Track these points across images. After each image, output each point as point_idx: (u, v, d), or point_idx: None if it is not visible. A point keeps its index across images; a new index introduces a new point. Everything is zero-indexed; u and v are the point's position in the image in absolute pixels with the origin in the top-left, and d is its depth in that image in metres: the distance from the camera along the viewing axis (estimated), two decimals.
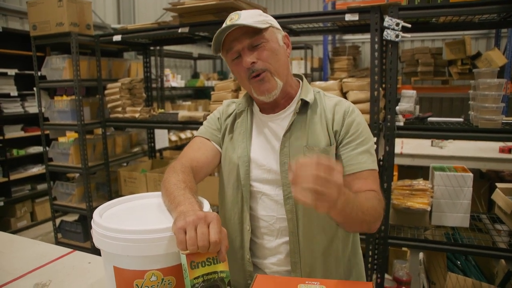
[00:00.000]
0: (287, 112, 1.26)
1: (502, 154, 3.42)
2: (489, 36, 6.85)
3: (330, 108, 1.23)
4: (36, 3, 3.26)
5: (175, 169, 1.16)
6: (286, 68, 1.23)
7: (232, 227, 1.28)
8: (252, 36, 1.15)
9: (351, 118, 1.21)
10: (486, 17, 2.45)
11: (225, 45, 1.19)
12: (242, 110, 1.33)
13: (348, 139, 1.19)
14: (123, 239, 0.90)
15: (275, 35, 1.20)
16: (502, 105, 2.17)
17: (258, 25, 1.13)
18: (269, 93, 1.18)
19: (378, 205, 1.09)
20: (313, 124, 1.22)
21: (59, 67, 3.43)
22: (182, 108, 6.93)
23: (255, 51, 1.16)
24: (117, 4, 6.62)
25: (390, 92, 2.29)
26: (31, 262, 1.41)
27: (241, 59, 1.17)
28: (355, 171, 1.16)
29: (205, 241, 0.82)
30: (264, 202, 1.24)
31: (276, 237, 1.23)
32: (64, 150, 3.58)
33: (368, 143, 1.20)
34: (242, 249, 1.27)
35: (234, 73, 1.24)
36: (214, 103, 2.92)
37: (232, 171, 1.28)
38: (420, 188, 2.46)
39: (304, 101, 1.23)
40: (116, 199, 1.17)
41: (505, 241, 2.37)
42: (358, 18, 2.30)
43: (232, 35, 1.16)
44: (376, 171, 1.19)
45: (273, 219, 1.23)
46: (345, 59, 6.05)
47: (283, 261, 1.24)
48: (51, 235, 4.29)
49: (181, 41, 3.67)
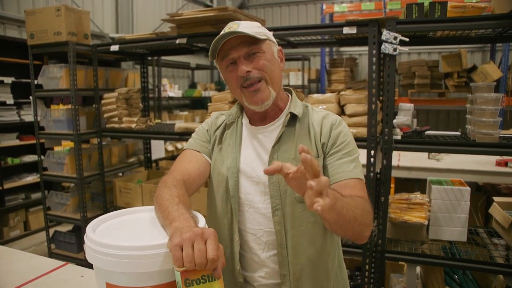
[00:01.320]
0: (276, 124, 1.27)
1: (498, 167, 3.42)
2: (484, 49, 6.92)
3: (318, 121, 1.26)
4: (34, 12, 3.27)
5: (167, 184, 1.14)
6: (280, 80, 1.25)
7: (222, 238, 1.27)
8: (250, 46, 1.17)
9: (338, 130, 1.23)
10: (482, 32, 2.47)
11: (221, 52, 1.21)
12: (232, 121, 1.34)
13: (335, 149, 1.21)
14: (116, 255, 0.88)
15: (271, 48, 1.23)
16: (499, 120, 2.17)
17: (258, 36, 1.15)
18: (262, 103, 1.20)
19: (367, 209, 1.07)
20: (301, 137, 1.23)
21: (56, 76, 3.42)
22: (179, 118, 6.92)
23: (251, 60, 1.18)
24: (115, 13, 6.64)
25: (387, 105, 2.29)
26: (22, 276, 1.39)
27: (235, 67, 1.19)
28: (342, 179, 1.17)
29: (203, 258, 0.80)
30: (251, 215, 1.24)
31: (263, 250, 1.23)
32: (59, 159, 3.55)
33: (355, 154, 1.22)
34: (232, 260, 1.26)
35: (226, 81, 1.25)
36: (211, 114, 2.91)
37: (221, 183, 1.27)
38: (417, 202, 2.45)
39: (292, 114, 1.25)
40: (110, 213, 1.14)
41: (503, 255, 2.35)
42: (356, 31, 2.31)
43: (230, 43, 1.17)
44: (363, 181, 1.19)
45: (261, 232, 1.23)
46: (342, 71, 6.09)
47: (272, 274, 1.24)
48: (44, 245, 4.24)
49: (179, 51, 3.67)
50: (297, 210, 1.19)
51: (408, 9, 2.33)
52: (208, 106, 2.93)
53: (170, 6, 7.97)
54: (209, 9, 2.74)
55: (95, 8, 6.18)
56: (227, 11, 2.62)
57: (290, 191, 1.18)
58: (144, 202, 3.32)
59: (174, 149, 6.31)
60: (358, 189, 1.15)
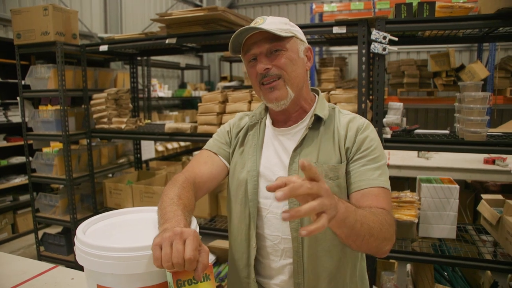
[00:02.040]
0: (299, 126, 1.23)
1: (486, 165, 3.47)
2: (471, 49, 7.00)
3: (343, 125, 1.20)
4: (21, 11, 3.21)
5: (176, 183, 1.12)
6: (302, 80, 1.20)
7: (239, 244, 1.24)
8: (272, 42, 1.14)
9: (364, 135, 1.17)
10: (469, 31, 2.50)
11: (245, 47, 1.18)
12: (255, 122, 1.31)
13: (359, 155, 1.15)
14: (106, 256, 0.88)
15: (297, 46, 1.19)
16: (486, 118, 2.20)
17: (280, 33, 1.11)
18: (277, 102, 1.16)
19: (387, 222, 1.01)
20: (325, 141, 1.19)
21: (44, 77, 3.37)
22: (169, 118, 6.89)
23: (272, 57, 1.15)
24: (104, 13, 6.58)
25: (377, 104, 2.30)
26: (11, 279, 1.37)
27: (256, 63, 1.16)
28: (364, 187, 1.11)
29: (180, 258, 0.79)
30: (269, 220, 1.20)
31: (280, 257, 1.20)
32: (48, 160, 3.51)
33: (381, 161, 1.15)
34: (248, 268, 1.23)
35: (249, 76, 1.22)
36: (201, 115, 2.90)
37: (240, 186, 1.24)
38: (407, 200, 2.48)
39: (317, 116, 1.21)
40: (100, 215, 1.14)
41: (490, 251, 2.39)
42: (345, 31, 2.32)
43: (253, 38, 1.15)
44: (387, 190, 1.12)
45: (278, 238, 1.19)
46: (332, 70, 6.11)
47: (287, 283, 1.20)
48: (33, 248, 4.19)
49: (168, 51, 3.65)
50: None
51: (397, 9, 2.35)
52: (199, 106, 2.93)
53: (160, 5, 7.93)
54: (198, 9, 2.73)
55: (83, 7, 6.11)
56: (216, 11, 2.61)
57: None
58: (134, 203, 3.30)
59: (164, 150, 6.28)
60: (381, 199, 1.09)
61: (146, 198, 3.23)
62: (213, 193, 3.11)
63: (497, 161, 3.43)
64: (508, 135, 2.45)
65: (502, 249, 2.33)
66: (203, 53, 8.93)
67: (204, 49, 3.48)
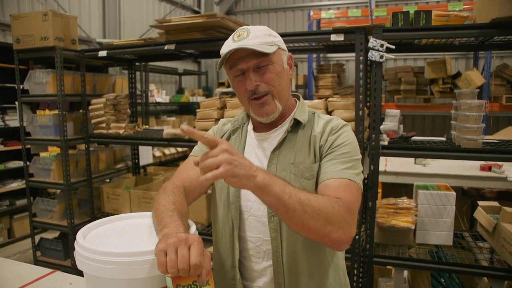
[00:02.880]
0: (279, 130, 1.25)
1: (482, 172, 3.49)
2: (467, 56, 7.06)
3: (320, 127, 1.23)
4: (21, 16, 3.23)
5: (166, 190, 1.14)
6: (287, 91, 1.23)
7: (224, 246, 1.26)
8: (259, 58, 1.14)
9: (337, 134, 1.19)
10: (465, 40, 2.52)
11: (229, 61, 1.18)
12: (237, 127, 1.33)
13: (329, 151, 1.17)
14: (107, 261, 0.88)
15: (281, 57, 1.20)
16: (482, 126, 2.22)
17: (265, 50, 1.12)
18: (267, 116, 1.19)
19: (335, 207, 0.98)
20: (302, 143, 1.21)
21: (43, 82, 3.38)
22: (166, 123, 6.89)
23: (260, 72, 1.16)
24: (102, 18, 6.60)
25: (374, 111, 2.32)
26: (8, 284, 1.36)
27: (244, 78, 1.17)
28: (327, 179, 1.11)
29: (185, 264, 0.81)
30: (251, 223, 1.22)
31: (262, 259, 1.22)
32: (46, 165, 3.50)
33: (352, 156, 1.15)
34: (233, 269, 1.25)
35: (235, 89, 1.23)
36: (199, 121, 2.91)
37: (223, 189, 1.27)
38: (404, 206, 2.49)
39: (296, 120, 1.23)
40: (100, 220, 1.14)
41: (487, 258, 2.40)
42: (343, 39, 2.34)
43: (239, 53, 1.15)
44: (355, 183, 1.11)
45: (260, 240, 1.21)
46: (330, 77, 6.15)
47: (269, 284, 1.22)
48: (29, 253, 4.17)
49: (167, 57, 3.67)
50: None
51: (394, 17, 2.37)
52: (197, 112, 2.94)
53: (158, 11, 7.96)
54: (197, 16, 2.75)
55: (82, 12, 6.13)
56: (215, 18, 2.63)
57: None
58: (132, 209, 3.29)
59: (162, 155, 6.27)
60: (341, 190, 1.07)
61: (143, 203, 3.22)
62: (210, 198, 3.10)
63: (493, 168, 3.46)
64: (504, 142, 2.48)
65: (498, 255, 2.34)
66: (201, 59, 8.95)
67: (203, 56, 3.51)
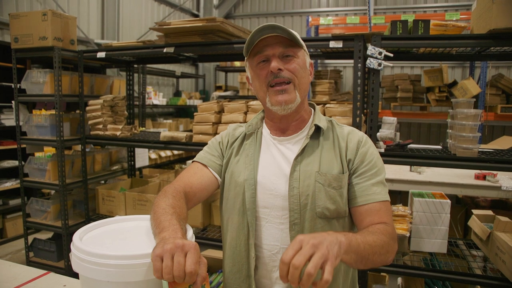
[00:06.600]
0: (299, 136, 1.24)
1: (477, 180, 3.50)
2: (464, 66, 7.12)
3: (343, 137, 1.23)
4: (19, 15, 3.22)
5: (167, 193, 1.13)
6: (307, 89, 1.24)
7: (239, 255, 1.23)
8: (286, 47, 1.16)
9: (365, 148, 1.21)
10: (462, 50, 2.55)
11: (255, 48, 1.19)
12: (252, 131, 1.31)
13: (363, 169, 1.19)
14: (103, 264, 0.88)
15: (305, 57, 1.23)
16: (478, 135, 2.24)
17: (297, 37, 1.16)
18: (286, 105, 1.17)
19: (387, 237, 1.07)
20: (325, 151, 1.20)
21: (40, 81, 3.37)
22: (163, 126, 6.88)
23: (284, 61, 1.17)
24: (101, 19, 6.60)
25: (371, 118, 2.33)
26: (1, 285, 1.35)
27: (267, 63, 1.17)
28: (368, 202, 1.16)
29: (181, 271, 0.80)
30: (267, 230, 1.20)
31: (278, 267, 1.17)
32: (41, 165, 3.48)
33: (381, 174, 1.20)
34: (248, 279, 1.22)
35: (254, 78, 1.22)
36: (197, 124, 2.91)
37: (238, 196, 1.23)
38: (399, 214, 2.49)
39: (317, 126, 1.23)
40: (96, 222, 1.14)
41: (480, 266, 2.41)
42: (342, 46, 2.36)
43: (266, 40, 1.16)
44: (388, 202, 1.18)
45: (276, 248, 1.19)
46: (327, 83, 6.16)
47: None
48: (21, 253, 4.14)
49: (165, 60, 3.67)
50: (317, 225, 1.16)
51: (393, 26, 2.39)
52: (194, 115, 2.94)
53: (157, 13, 7.97)
54: (197, 19, 2.76)
55: (81, 13, 6.13)
56: (215, 22, 2.64)
57: (311, 206, 1.16)
58: (127, 211, 3.28)
59: (158, 157, 6.26)
60: (382, 213, 1.15)
61: (139, 205, 3.21)
62: (206, 202, 3.11)
63: (488, 177, 3.47)
64: (498, 151, 2.50)
65: (491, 264, 2.35)
66: (199, 62, 8.97)
67: (201, 59, 3.51)
